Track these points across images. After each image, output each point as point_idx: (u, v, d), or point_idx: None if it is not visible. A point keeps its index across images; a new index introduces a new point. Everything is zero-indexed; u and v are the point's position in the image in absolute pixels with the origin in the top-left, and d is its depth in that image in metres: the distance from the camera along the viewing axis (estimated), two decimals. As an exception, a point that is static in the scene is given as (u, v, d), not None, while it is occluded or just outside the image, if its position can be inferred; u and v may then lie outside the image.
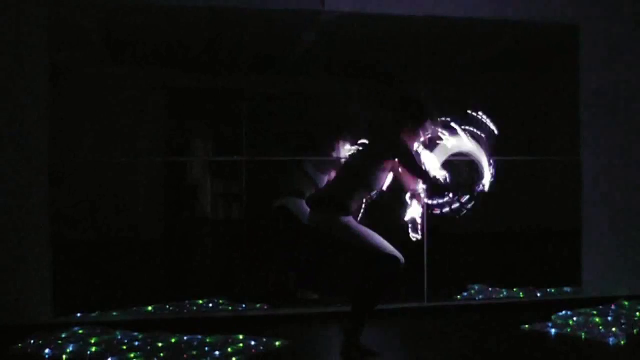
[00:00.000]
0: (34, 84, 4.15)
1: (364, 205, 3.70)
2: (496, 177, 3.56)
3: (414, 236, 3.60)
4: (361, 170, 3.49)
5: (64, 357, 3.46)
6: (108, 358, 3.38)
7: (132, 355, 3.40)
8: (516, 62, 6.40)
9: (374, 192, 3.55)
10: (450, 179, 3.59)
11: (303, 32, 5.15)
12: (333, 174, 4.51)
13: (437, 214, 3.53)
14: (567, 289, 4.98)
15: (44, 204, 4.16)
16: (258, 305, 4.59)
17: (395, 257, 3.36)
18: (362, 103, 5.39)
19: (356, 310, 3.41)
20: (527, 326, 4.03)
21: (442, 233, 5.36)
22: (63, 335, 3.77)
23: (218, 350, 3.47)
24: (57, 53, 4.26)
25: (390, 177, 3.65)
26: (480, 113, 3.68)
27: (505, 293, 4.97)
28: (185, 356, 3.40)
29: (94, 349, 3.52)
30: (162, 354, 3.43)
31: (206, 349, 3.51)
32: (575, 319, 4.11)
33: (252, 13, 4.57)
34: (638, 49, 4.93)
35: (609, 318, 4.13)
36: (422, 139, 3.62)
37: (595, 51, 4.85)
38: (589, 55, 4.85)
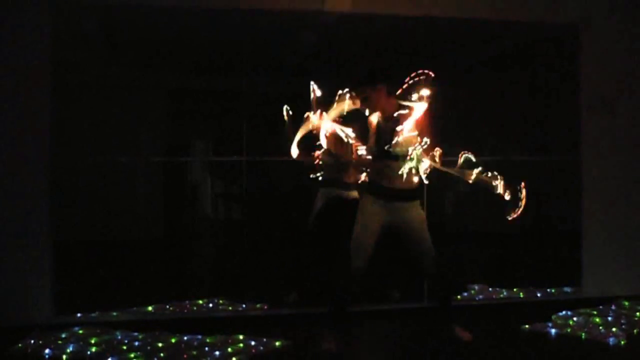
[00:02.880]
0: (35, 84, 4.15)
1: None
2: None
3: None
4: None
5: (64, 357, 3.46)
6: (108, 358, 3.38)
7: (132, 355, 3.40)
8: (516, 62, 6.40)
9: None
10: None
11: (303, 33, 5.15)
12: None
13: None
14: (567, 289, 4.97)
15: (44, 204, 4.16)
16: (258, 305, 4.59)
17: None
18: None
19: None
20: (527, 326, 4.02)
21: (441, 233, 5.34)
22: (63, 335, 3.77)
23: (218, 350, 3.47)
24: (58, 53, 4.27)
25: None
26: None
27: (505, 293, 4.97)
28: (185, 356, 3.40)
29: (94, 349, 3.52)
30: (162, 354, 3.43)
31: (206, 349, 3.51)
32: (575, 319, 4.11)
33: (253, 13, 4.57)
34: (638, 48, 4.92)
35: (609, 318, 4.13)
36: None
37: (595, 51, 4.85)
38: (589, 55, 4.85)
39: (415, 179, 3.48)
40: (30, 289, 4.13)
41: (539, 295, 4.93)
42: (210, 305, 4.64)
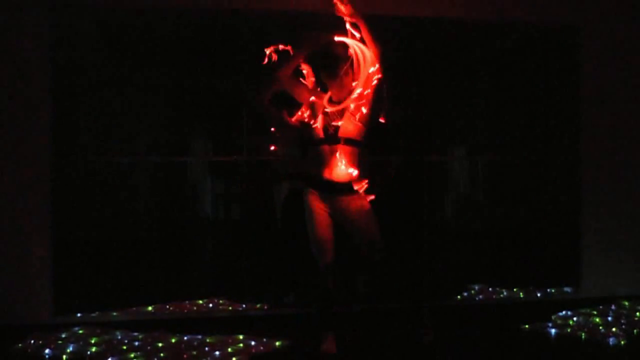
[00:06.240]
0: (35, 84, 4.15)
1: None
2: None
3: None
4: None
5: (64, 357, 3.46)
6: (108, 358, 3.38)
7: (132, 355, 3.40)
8: (516, 62, 6.40)
9: None
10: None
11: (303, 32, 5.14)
12: None
13: None
14: (567, 289, 4.98)
15: (45, 204, 4.16)
16: (258, 305, 4.59)
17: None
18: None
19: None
20: (527, 326, 4.03)
21: (441, 232, 5.35)
22: (63, 335, 3.77)
23: (218, 350, 3.47)
24: (58, 53, 4.27)
25: None
26: None
27: (505, 293, 4.97)
28: (185, 356, 3.40)
29: (94, 349, 3.53)
30: (162, 354, 3.43)
31: (206, 349, 3.51)
32: (575, 319, 4.11)
33: (252, 13, 4.56)
34: (638, 49, 4.92)
35: (609, 318, 4.13)
36: None
37: (595, 51, 4.85)
38: (589, 55, 4.85)
39: (354, 172, 3.45)
40: (30, 289, 4.13)
41: (539, 295, 4.94)
42: (210, 305, 4.64)
